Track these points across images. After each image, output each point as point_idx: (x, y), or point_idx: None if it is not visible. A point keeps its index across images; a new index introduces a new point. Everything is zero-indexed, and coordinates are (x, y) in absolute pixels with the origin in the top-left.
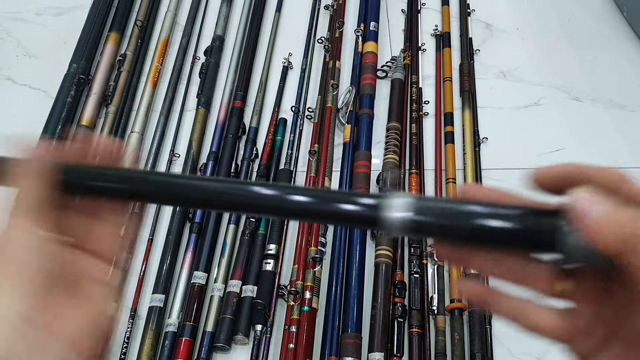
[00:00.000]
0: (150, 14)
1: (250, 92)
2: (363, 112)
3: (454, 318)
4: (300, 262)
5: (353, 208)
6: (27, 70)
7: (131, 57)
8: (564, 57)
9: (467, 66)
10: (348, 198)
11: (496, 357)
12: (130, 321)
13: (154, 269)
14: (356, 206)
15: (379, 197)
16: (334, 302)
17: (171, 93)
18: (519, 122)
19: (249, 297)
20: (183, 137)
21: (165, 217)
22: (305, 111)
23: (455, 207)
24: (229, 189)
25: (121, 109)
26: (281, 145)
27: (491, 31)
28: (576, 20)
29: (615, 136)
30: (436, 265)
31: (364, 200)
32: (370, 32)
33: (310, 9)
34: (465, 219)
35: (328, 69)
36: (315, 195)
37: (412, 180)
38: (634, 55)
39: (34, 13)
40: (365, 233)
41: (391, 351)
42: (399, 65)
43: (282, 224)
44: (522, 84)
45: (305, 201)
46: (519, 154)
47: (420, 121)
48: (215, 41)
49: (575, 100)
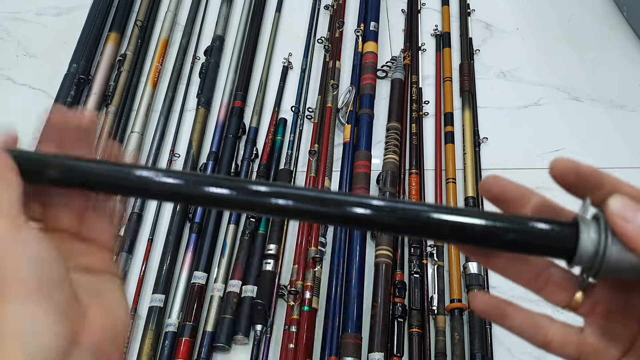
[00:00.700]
0: (150, 14)
1: (250, 92)
2: (363, 112)
3: (454, 318)
4: (300, 262)
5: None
6: (27, 70)
7: (131, 57)
8: (564, 57)
9: (467, 66)
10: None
11: (496, 357)
12: (130, 321)
13: (154, 269)
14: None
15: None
16: (334, 302)
17: (171, 93)
18: (519, 122)
19: (249, 297)
20: (183, 137)
21: (165, 217)
22: (305, 111)
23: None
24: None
25: (121, 109)
26: (281, 145)
27: (491, 31)
28: (576, 20)
29: (615, 136)
30: (436, 265)
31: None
32: (370, 32)
33: (310, 9)
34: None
35: (328, 69)
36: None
37: (412, 180)
38: (634, 55)
39: (34, 13)
40: (365, 233)
41: (391, 351)
42: (399, 65)
43: (282, 224)
44: (522, 84)
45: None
46: (519, 154)
47: (420, 121)
48: (215, 41)
49: (575, 100)
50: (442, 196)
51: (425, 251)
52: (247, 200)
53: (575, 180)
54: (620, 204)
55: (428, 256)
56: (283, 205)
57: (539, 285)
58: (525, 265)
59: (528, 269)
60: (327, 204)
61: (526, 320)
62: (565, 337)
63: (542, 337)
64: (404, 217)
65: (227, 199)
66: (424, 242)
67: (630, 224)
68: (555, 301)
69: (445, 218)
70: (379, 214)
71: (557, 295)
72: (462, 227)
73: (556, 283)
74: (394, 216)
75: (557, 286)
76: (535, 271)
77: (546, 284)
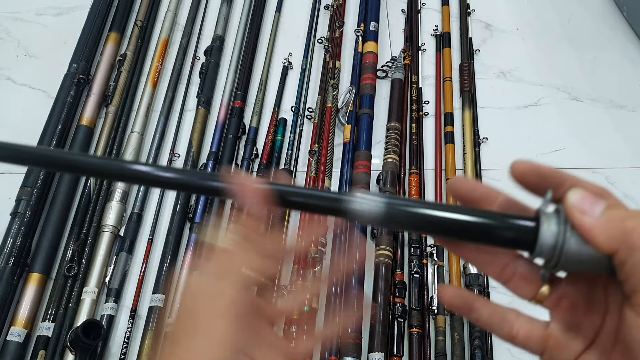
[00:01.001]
0: (150, 14)
1: (250, 92)
2: (363, 112)
3: (454, 318)
4: (300, 262)
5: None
6: (27, 70)
7: (131, 57)
8: (564, 57)
9: (467, 66)
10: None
11: (496, 357)
12: (130, 321)
13: (154, 269)
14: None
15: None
16: (334, 302)
17: (171, 93)
18: (519, 122)
19: None
20: (183, 137)
21: (165, 217)
22: (305, 111)
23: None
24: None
25: (121, 109)
26: (281, 145)
27: (491, 31)
28: (576, 20)
29: (615, 136)
30: (436, 265)
31: None
32: (370, 32)
33: (310, 9)
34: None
35: (328, 69)
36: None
37: (412, 180)
38: (634, 55)
39: (34, 13)
40: (366, 233)
41: (391, 351)
42: (399, 65)
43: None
44: (522, 84)
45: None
46: (519, 154)
47: (420, 121)
48: (215, 41)
49: (575, 100)
50: (442, 196)
51: (425, 251)
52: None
53: (537, 181)
54: (579, 197)
55: (428, 256)
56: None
57: (506, 276)
58: (493, 257)
59: (495, 260)
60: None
61: (493, 314)
62: (530, 331)
63: (508, 330)
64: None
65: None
66: (424, 242)
67: (587, 216)
68: (521, 294)
69: (422, 212)
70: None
71: (523, 288)
72: (432, 220)
73: (522, 276)
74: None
75: (523, 279)
76: (502, 263)
77: (513, 276)
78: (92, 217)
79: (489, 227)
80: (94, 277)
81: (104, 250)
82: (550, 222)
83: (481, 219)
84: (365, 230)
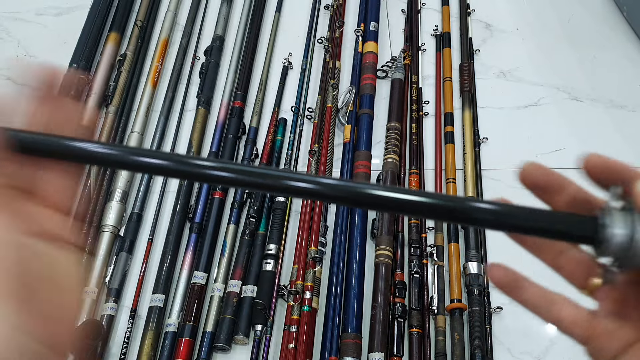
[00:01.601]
0: (150, 14)
1: (250, 92)
2: (363, 112)
3: (454, 318)
4: (300, 262)
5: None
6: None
7: (131, 57)
8: (564, 57)
9: (467, 66)
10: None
11: (496, 357)
12: (130, 321)
13: (154, 269)
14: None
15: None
16: (334, 302)
17: (171, 93)
18: (519, 122)
19: (249, 297)
20: (183, 137)
21: (165, 217)
22: (305, 111)
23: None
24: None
25: (121, 109)
26: (281, 145)
27: (491, 31)
28: (576, 20)
29: (615, 136)
30: (436, 265)
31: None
32: (370, 32)
33: (310, 9)
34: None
35: (328, 69)
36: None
37: (412, 180)
38: (634, 55)
39: (34, 13)
40: (365, 233)
41: (391, 351)
42: (399, 65)
43: (282, 224)
44: (522, 84)
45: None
46: (519, 154)
47: (420, 121)
48: (215, 41)
49: (575, 100)
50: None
51: (425, 251)
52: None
53: (606, 176)
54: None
55: (428, 256)
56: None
57: (560, 263)
58: (550, 243)
59: (552, 247)
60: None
61: (541, 296)
62: (577, 317)
63: (556, 313)
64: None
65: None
66: (424, 242)
67: None
68: (573, 281)
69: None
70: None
71: (577, 276)
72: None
73: (577, 264)
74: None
75: (578, 267)
76: (558, 250)
77: (567, 264)
78: (92, 217)
79: (560, 228)
80: (94, 277)
81: (104, 250)
82: (620, 219)
83: (551, 222)
84: (365, 230)
